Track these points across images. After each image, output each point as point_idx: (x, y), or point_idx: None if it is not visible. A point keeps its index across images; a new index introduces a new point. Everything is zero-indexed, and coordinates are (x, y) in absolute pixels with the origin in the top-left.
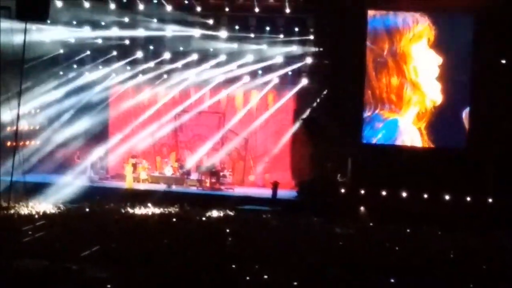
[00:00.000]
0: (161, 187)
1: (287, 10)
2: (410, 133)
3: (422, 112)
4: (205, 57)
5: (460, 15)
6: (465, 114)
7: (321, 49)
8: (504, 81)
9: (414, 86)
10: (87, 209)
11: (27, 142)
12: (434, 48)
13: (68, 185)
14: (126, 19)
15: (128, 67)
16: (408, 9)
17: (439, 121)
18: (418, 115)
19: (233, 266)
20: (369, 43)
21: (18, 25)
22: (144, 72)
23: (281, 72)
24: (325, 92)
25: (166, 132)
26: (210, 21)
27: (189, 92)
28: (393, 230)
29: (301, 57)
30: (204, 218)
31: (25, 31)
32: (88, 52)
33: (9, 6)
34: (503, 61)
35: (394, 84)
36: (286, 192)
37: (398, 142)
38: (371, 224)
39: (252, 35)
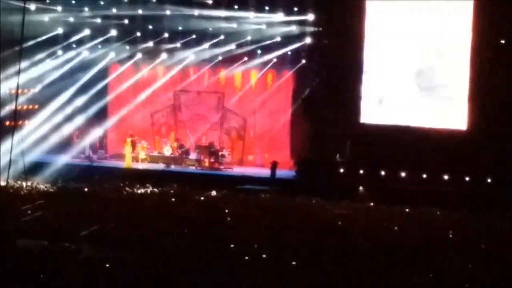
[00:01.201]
0: (160, 166)
1: None
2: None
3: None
4: (204, 36)
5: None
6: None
7: (320, 29)
8: (504, 62)
9: None
10: (86, 189)
11: (26, 122)
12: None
13: (67, 165)
14: None
15: (127, 47)
16: None
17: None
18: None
19: (232, 246)
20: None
21: (17, 3)
22: (143, 51)
23: (280, 52)
24: (324, 72)
25: (165, 112)
26: (209, 1)
27: (188, 72)
28: (391, 210)
29: (300, 37)
30: (203, 198)
31: (23, 10)
32: (87, 31)
33: None
34: (503, 41)
35: None
36: (285, 172)
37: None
38: (370, 204)
39: (252, 15)
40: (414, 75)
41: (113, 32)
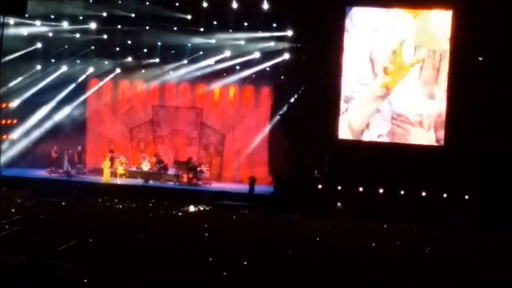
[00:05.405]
0: (139, 181)
1: (265, 6)
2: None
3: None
4: (183, 52)
5: (439, 10)
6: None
7: (298, 45)
8: (482, 78)
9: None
10: (64, 203)
11: (4, 136)
12: (413, 44)
13: (45, 179)
14: (104, 14)
15: (106, 62)
16: (387, 5)
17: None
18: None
19: (210, 259)
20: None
21: None
22: (122, 66)
23: (259, 67)
24: (302, 88)
25: (144, 127)
26: (188, 16)
27: (167, 87)
28: (369, 226)
29: (278, 53)
30: (181, 213)
31: (2, 24)
32: (66, 46)
33: None
34: (480, 58)
35: None
36: (263, 188)
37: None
38: (348, 220)
39: (230, 31)
40: (391, 92)
41: (92, 47)
